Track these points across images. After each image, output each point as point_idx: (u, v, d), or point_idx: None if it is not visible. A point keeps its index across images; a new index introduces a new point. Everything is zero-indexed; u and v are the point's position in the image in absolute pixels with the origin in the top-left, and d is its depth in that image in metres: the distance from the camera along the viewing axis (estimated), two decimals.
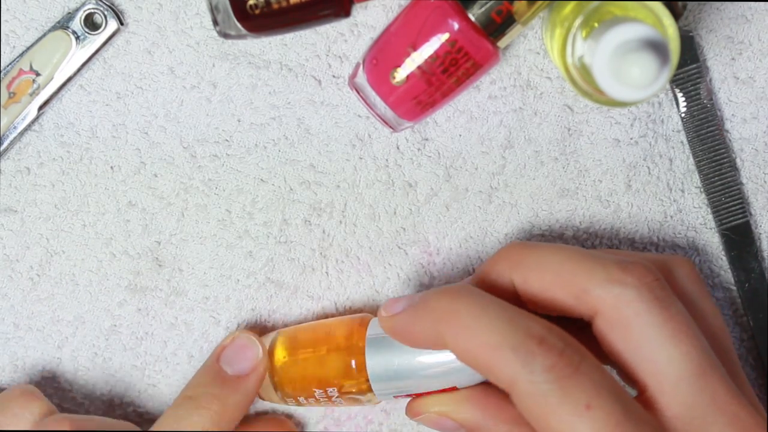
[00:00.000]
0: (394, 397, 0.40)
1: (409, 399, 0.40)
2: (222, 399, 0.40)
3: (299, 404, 0.42)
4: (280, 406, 0.44)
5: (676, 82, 0.42)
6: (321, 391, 0.40)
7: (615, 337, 0.36)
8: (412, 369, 0.38)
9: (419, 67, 0.38)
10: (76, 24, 0.41)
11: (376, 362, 0.39)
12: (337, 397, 0.40)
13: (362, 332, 0.40)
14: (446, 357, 0.38)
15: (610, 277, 0.36)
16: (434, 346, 0.37)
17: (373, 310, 0.44)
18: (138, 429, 0.42)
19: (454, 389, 0.39)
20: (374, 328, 0.40)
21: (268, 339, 0.42)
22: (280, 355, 0.41)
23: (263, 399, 0.43)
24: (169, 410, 0.41)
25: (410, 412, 0.40)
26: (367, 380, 0.39)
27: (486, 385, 0.38)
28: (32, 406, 0.41)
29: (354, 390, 0.40)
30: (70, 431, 0.40)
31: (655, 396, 0.35)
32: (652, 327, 0.35)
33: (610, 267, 0.36)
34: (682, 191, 0.43)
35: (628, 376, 0.36)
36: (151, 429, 0.40)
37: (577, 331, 0.36)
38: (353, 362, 0.39)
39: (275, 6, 0.38)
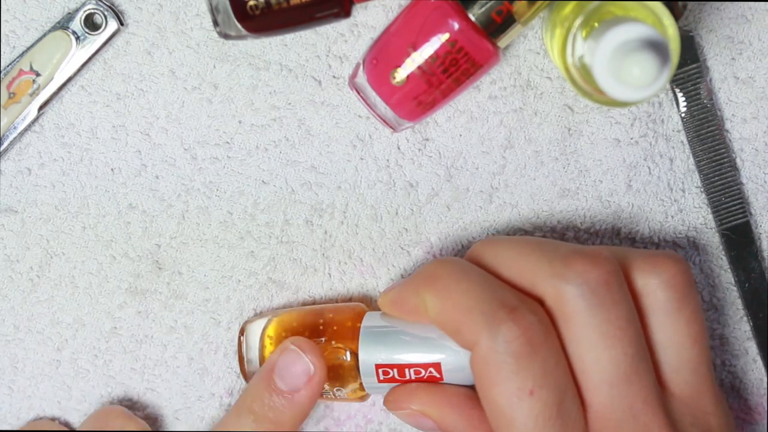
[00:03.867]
0: (376, 366, 0.40)
1: (391, 389, 0.40)
2: (275, 421, 0.40)
3: None
4: None
5: (676, 82, 0.42)
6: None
7: (556, 328, 0.36)
8: (400, 338, 0.39)
9: (419, 67, 0.38)
10: (76, 24, 0.41)
11: (368, 329, 0.40)
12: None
13: (359, 317, 0.41)
14: (435, 333, 0.38)
15: (552, 272, 0.36)
16: (420, 314, 0.38)
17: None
18: None
19: (438, 368, 0.39)
20: (370, 318, 0.40)
21: (261, 323, 0.42)
22: (273, 334, 0.42)
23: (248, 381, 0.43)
24: (230, 419, 0.41)
25: (391, 404, 0.40)
26: (356, 344, 0.40)
27: (472, 394, 0.39)
28: (131, 424, 0.42)
29: (340, 347, 0.40)
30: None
31: (582, 390, 0.36)
32: (587, 327, 0.35)
33: (554, 261, 0.36)
34: (683, 191, 0.43)
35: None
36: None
37: None
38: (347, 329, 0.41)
39: (275, 6, 0.38)
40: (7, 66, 0.41)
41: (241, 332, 0.43)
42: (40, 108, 0.42)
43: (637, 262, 0.38)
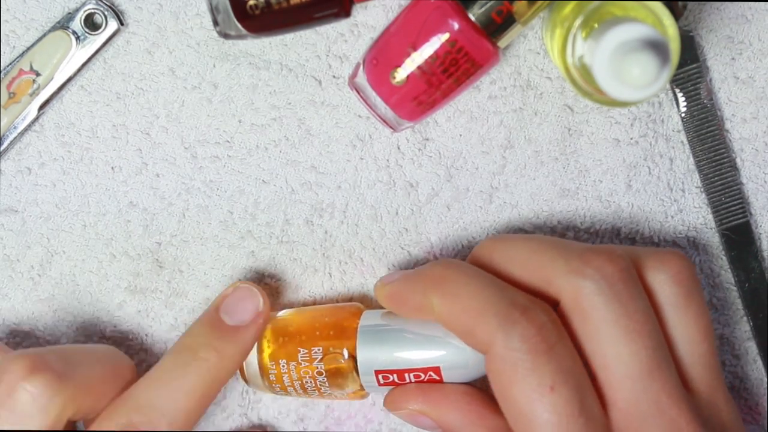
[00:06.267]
0: (375, 372, 0.40)
1: (390, 390, 0.40)
2: (220, 350, 0.39)
3: (283, 387, 0.41)
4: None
5: (676, 82, 0.42)
6: (305, 351, 0.40)
7: (573, 326, 0.36)
8: (398, 338, 0.39)
9: (419, 67, 0.38)
10: (76, 24, 0.41)
11: (366, 329, 0.40)
12: (320, 361, 0.40)
13: (356, 317, 0.41)
14: (435, 331, 0.38)
15: (570, 268, 0.36)
16: (423, 312, 0.38)
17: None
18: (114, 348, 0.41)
19: (438, 371, 0.39)
20: (368, 317, 0.40)
21: None
22: (269, 336, 0.42)
23: (248, 384, 0.43)
24: (167, 357, 0.40)
25: (390, 404, 0.40)
26: (354, 345, 0.40)
27: (470, 391, 0.39)
28: None
29: (338, 352, 0.40)
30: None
31: (603, 388, 0.36)
32: (606, 322, 0.35)
33: (571, 258, 0.36)
34: (683, 191, 0.43)
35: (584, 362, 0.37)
36: (149, 373, 0.39)
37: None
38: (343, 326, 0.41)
39: (275, 6, 0.38)
40: (7, 66, 0.42)
41: None
42: (40, 108, 0.42)
43: (643, 260, 0.38)
